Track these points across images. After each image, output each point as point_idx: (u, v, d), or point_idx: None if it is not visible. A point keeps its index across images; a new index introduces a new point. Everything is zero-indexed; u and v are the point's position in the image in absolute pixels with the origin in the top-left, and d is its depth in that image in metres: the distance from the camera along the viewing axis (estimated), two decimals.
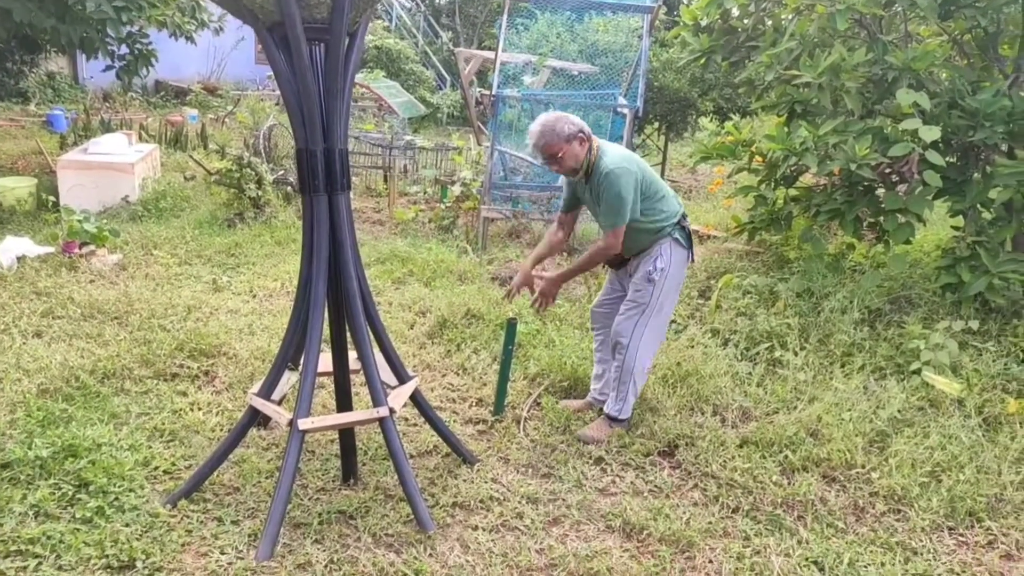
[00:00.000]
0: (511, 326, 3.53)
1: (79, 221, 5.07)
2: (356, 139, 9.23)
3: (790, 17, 4.90)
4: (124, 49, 7.84)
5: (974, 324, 4.18)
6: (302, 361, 2.75)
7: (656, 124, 10.75)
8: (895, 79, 4.49)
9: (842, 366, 4.07)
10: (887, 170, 4.58)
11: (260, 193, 6.47)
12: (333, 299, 2.83)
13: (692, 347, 4.37)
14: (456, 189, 7.12)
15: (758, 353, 4.28)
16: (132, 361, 3.67)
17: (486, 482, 3.00)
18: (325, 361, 2.96)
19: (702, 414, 3.66)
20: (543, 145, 3.14)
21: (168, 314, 4.28)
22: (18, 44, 8.38)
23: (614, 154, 3.20)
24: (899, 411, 3.56)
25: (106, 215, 6.33)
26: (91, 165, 6.60)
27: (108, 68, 7.88)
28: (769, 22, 5.35)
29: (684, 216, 3.37)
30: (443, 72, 18.00)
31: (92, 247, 5.13)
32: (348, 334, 2.81)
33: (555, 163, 3.16)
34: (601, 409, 3.57)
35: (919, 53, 4.43)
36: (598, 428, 3.44)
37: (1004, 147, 4.58)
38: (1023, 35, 4.65)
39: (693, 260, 3.51)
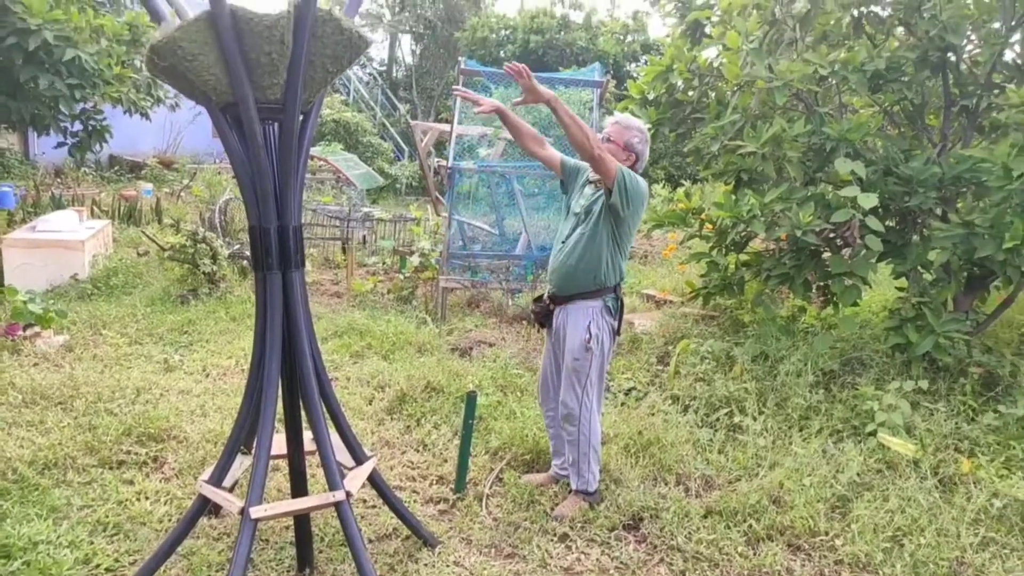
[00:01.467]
0: (471, 400, 3.49)
1: (23, 302, 4.92)
2: (313, 211, 9.24)
3: (732, 91, 5.13)
4: (77, 126, 7.80)
5: (924, 384, 4.28)
6: (255, 444, 2.67)
7: None
8: (833, 148, 4.70)
9: (800, 430, 4.11)
10: (831, 235, 4.75)
11: (215, 268, 6.39)
12: (287, 378, 2.77)
13: (653, 414, 4.37)
14: (415, 260, 7.14)
15: (718, 419, 4.30)
16: (75, 449, 3.51)
17: (448, 566, 2.90)
18: (279, 443, 2.88)
19: (665, 484, 3.63)
20: (616, 130, 3.31)
21: (116, 397, 4.13)
22: None
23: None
24: (858, 474, 3.58)
25: (54, 294, 6.16)
26: (39, 243, 6.45)
27: (60, 145, 7.82)
28: (713, 95, 5.58)
29: (619, 286, 3.37)
30: (401, 143, 18.29)
31: (37, 328, 4.96)
32: (303, 414, 2.75)
33: (603, 143, 3.23)
34: (567, 483, 3.51)
35: (853, 125, 4.67)
36: (570, 505, 3.37)
37: (938, 211, 4.80)
38: (945, 107, 4.94)
39: (620, 333, 3.44)
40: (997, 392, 4.39)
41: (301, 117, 2.67)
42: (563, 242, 3.36)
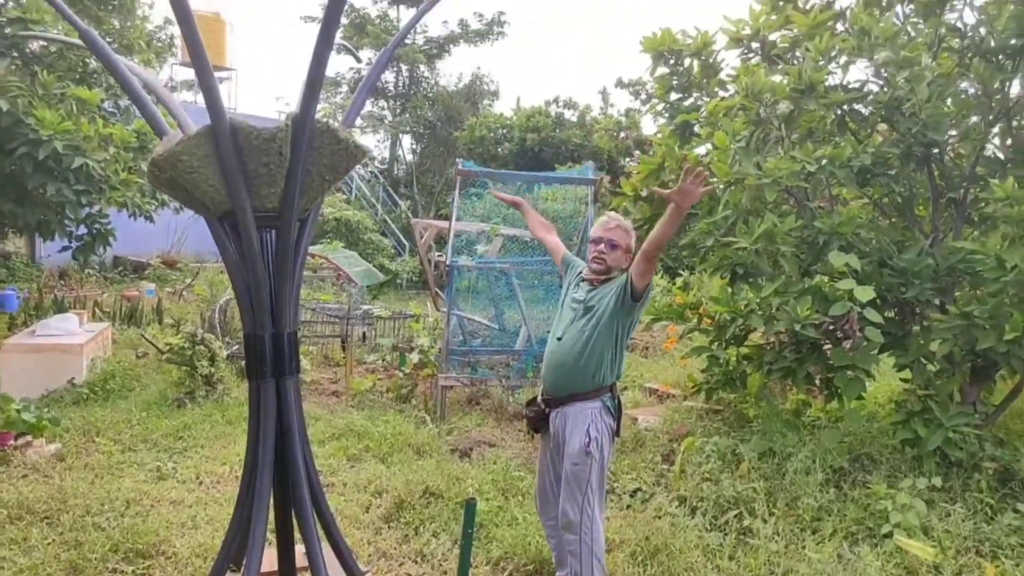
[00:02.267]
0: (470, 509, 3.37)
1: (16, 410, 4.85)
2: (312, 311, 9.28)
3: (723, 187, 5.24)
4: (82, 229, 7.93)
5: (937, 480, 4.15)
6: (244, 563, 2.55)
7: None
8: (826, 242, 4.75)
9: (813, 532, 3.96)
10: (831, 327, 4.73)
11: (213, 370, 6.34)
12: (280, 491, 2.69)
13: (660, 518, 4.22)
14: (414, 356, 7.09)
15: (727, 522, 4.15)
16: (59, 569, 3.36)
17: None
18: (271, 558, 2.76)
19: None
20: (622, 231, 3.30)
21: (104, 510, 4.00)
22: None
23: None
24: None
25: (50, 399, 6.09)
26: (38, 348, 6.43)
27: (65, 249, 7.92)
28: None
29: (615, 385, 3.31)
30: (402, 239, 18.58)
31: (28, 437, 4.87)
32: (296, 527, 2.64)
33: (608, 250, 3.26)
34: None
35: (844, 218, 4.74)
36: None
37: (936, 301, 4.80)
38: (933, 199, 5.03)
39: (619, 435, 3.35)
40: (1013, 487, 4.26)
41: (298, 224, 2.71)
42: (559, 338, 3.29)
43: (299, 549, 2.71)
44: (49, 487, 4.24)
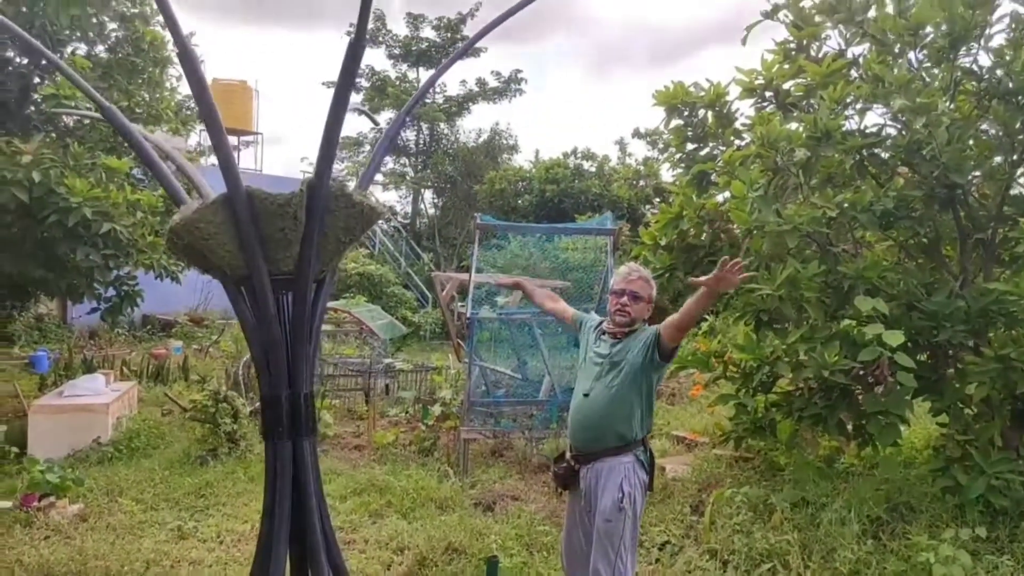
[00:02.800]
0: (492, 566, 3.29)
1: (41, 471, 4.87)
2: (335, 365, 9.30)
3: (744, 235, 5.20)
4: (111, 291, 8.08)
5: (982, 531, 3.97)
6: None
7: None
8: (851, 287, 4.67)
9: None
10: (861, 372, 4.61)
11: (235, 427, 6.34)
12: (296, 552, 2.65)
13: (690, 572, 4.09)
14: (436, 409, 7.04)
15: None
16: None
17: None
18: None
19: None
20: (644, 283, 3.27)
21: (124, 572, 3.96)
22: (8, 292, 8.63)
23: None
24: None
25: (74, 458, 6.12)
26: (64, 408, 6.50)
27: (94, 311, 8.06)
28: (724, 237, 5.66)
29: (647, 439, 3.27)
30: (425, 291, 18.68)
31: (52, 498, 4.87)
32: None
33: (631, 302, 3.22)
34: None
35: (869, 262, 4.66)
36: None
37: (970, 343, 4.67)
38: (960, 240, 4.94)
39: (651, 489, 3.30)
40: None
41: (314, 286, 2.73)
42: (585, 395, 3.24)
43: None
44: (70, 549, 4.23)
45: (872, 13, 5.22)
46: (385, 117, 22.62)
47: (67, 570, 3.96)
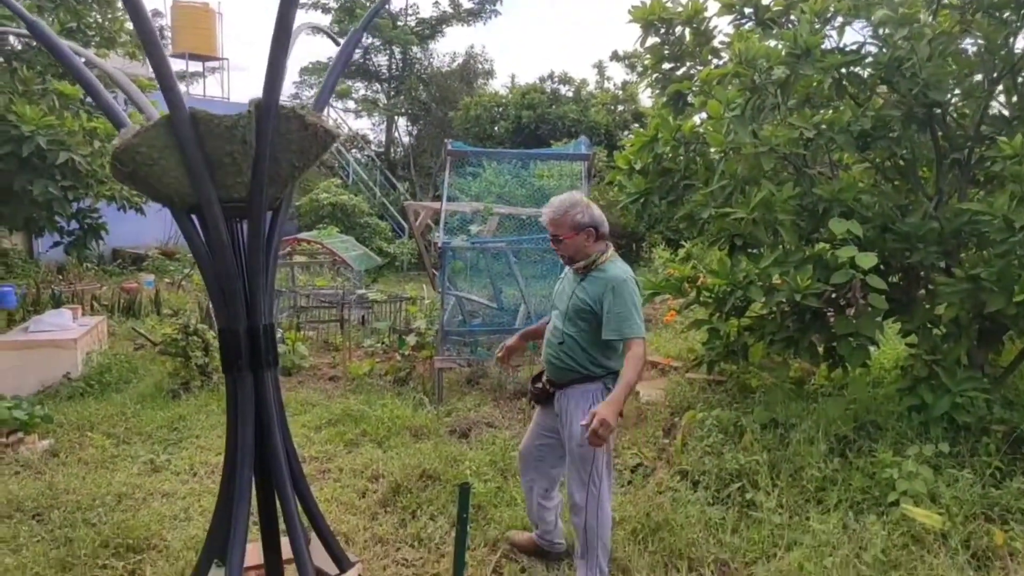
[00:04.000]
0: (463, 493, 3.29)
1: (8, 408, 4.79)
2: (307, 297, 9.20)
3: (719, 157, 5.09)
4: (74, 224, 7.85)
5: (944, 447, 4.06)
6: (228, 559, 2.49)
7: None
8: (826, 209, 4.62)
9: (818, 503, 3.88)
10: (833, 295, 4.61)
11: (207, 360, 6.27)
12: (262, 483, 2.62)
13: (661, 493, 4.16)
14: (411, 339, 7.01)
15: (730, 495, 4.08)
16: (48, 567, 3.31)
17: None
18: (257, 552, 2.70)
19: (677, 571, 3.41)
20: (552, 222, 3.15)
21: (95, 505, 3.95)
22: None
23: (626, 266, 3.18)
24: (883, 551, 3.34)
25: (44, 395, 6.04)
26: (30, 344, 6.37)
27: (56, 245, 7.84)
28: (700, 161, 5.55)
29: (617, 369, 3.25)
30: (401, 221, 18.45)
31: (21, 434, 4.82)
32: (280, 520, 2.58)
33: (555, 244, 3.18)
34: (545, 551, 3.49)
35: (844, 184, 4.60)
36: None
37: (942, 265, 4.67)
38: (937, 160, 4.88)
39: (623, 415, 3.32)
40: (1023, 450, 4.16)
41: (270, 213, 2.61)
42: (554, 332, 3.26)
43: (286, 542, 2.65)
44: (40, 484, 4.20)
45: None
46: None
47: (38, 504, 3.93)
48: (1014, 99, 4.83)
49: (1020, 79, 4.77)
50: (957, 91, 4.76)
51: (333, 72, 2.84)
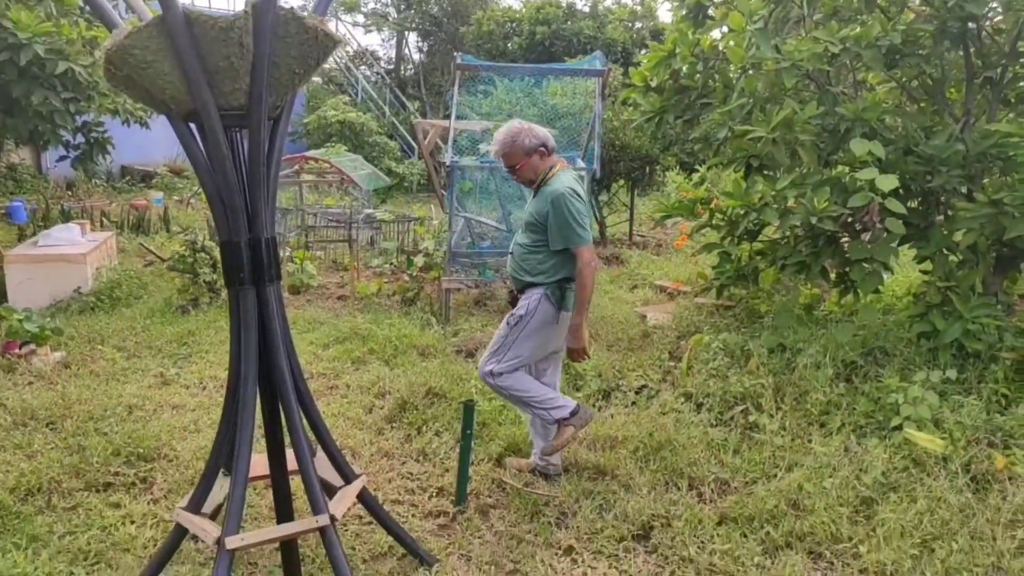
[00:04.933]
0: (468, 410, 3.33)
1: (19, 320, 4.84)
2: (315, 216, 9.14)
3: (739, 74, 4.89)
4: (79, 138, 7.73)
5: (952, 373, 4.03)
6: (233, 469, 2.53)
7: (621, 181, 10.79)
8: (848, 129, 4.46)
9: (820, 427, 3.89)
10: (849, 219, 4.50)
11: (215, 277, 6.28)
12: (266, 398, 2.63)
13: (664, 414, 4.19)
14: (419, 260, 6.98)
15: (733, 417, 4.10)
16: (61, 472, 3.40)
17: None
18: (263, 463, 2.74)
19: (678, 489, 3.45)
20: (503, 155, 3.25)
21: (107, 415, 4.02)
22: None
23: (569, 179, 3.24)
24: (883, 474, 3.37)
25: (56, 309, 6.10)
26: (40, 258, 6.38)
27: (62, 159, 7.76)
28: (718, 79, 5.34)
29: (568, 280, 3.31)
30: (410, 141, 18.15)
31: (33, 346, 4.88)
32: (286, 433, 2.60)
33: (513, 173, 3.31)
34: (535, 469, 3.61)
35: (869, 103, 4.42)
36: (559, 436, 3.35)
37: (963, 190, 4.54)
38: (967, 80, 4.67)
39: (559, 321, 3.37)
40: None
41: (270, 123, 2.52)
42: (514, 244, 3.45)
43: (292, 454, 2.69)
44: (53, 394, 4.27)
45: None
46: None
47: (50, 413, 4.01)
48: None
49: None
50: (995, 4, 4.50)
51: None
